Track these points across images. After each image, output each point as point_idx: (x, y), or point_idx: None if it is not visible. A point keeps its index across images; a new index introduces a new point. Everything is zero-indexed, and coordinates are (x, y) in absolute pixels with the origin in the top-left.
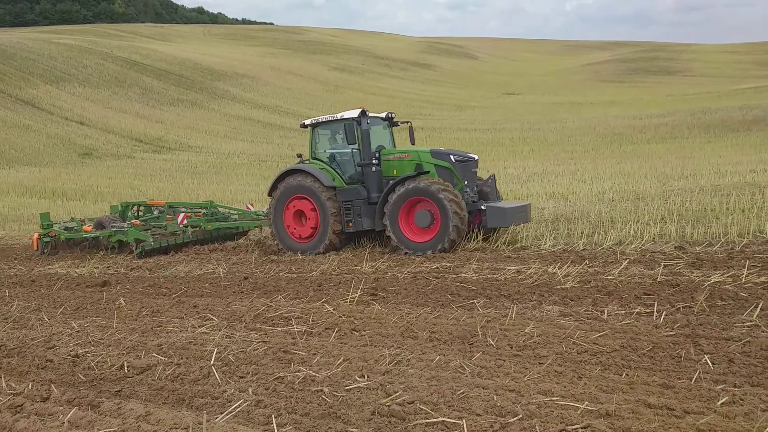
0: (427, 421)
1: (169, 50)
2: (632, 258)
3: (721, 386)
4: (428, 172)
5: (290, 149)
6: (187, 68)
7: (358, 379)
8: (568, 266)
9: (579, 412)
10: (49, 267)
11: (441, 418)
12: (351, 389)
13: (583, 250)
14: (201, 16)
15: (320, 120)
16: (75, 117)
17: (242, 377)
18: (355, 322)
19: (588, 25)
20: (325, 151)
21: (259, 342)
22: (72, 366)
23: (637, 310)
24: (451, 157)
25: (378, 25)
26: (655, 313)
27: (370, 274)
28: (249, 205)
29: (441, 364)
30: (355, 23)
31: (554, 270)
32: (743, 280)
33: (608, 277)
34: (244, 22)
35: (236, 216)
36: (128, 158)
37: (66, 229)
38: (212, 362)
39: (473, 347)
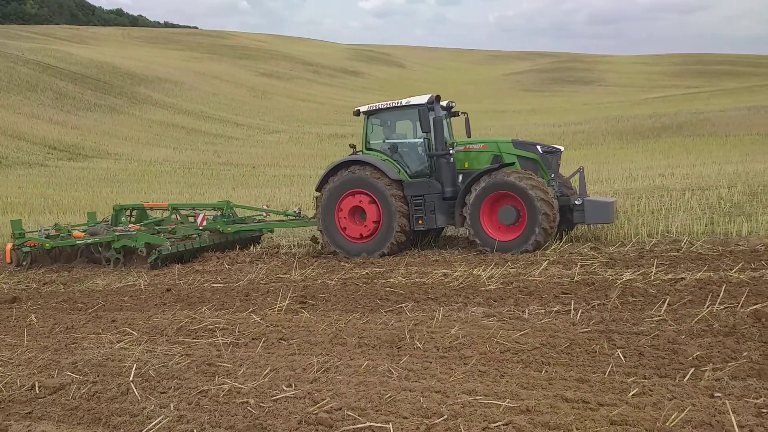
0: (355, 427)
1: (86, 53)
2: (551, 259)
3: (632, 378)
4: (513, 163)
5: (216, 156)
6: (105, 72)
7: (285, 388)
8: (492, 268)
9: (501, 409)
10: None
11: (368, 423)
12: (278, 399)
13: (506, 252)
14: (120, 19)
15: (379, 107)
16: None
17: (163, 393)
18: (283, 331)
19: (510, 36)
20: (383, 141)
21: (182, 355)
22: None
23: (555, 309)
24: (538, 147)
25: (305, 32)
26: (572, 311)
27: (299, 282)
28: (265, 206)
29: (369, 369)
30: (281, 29)
31: (479, 272)
32: (652, 278)
33: (529, 278)
34: (167, 25)
35: (259, 216)
36: (41, 166)
37: (49, 237)
38: (131, 378)
39: (401, 351)
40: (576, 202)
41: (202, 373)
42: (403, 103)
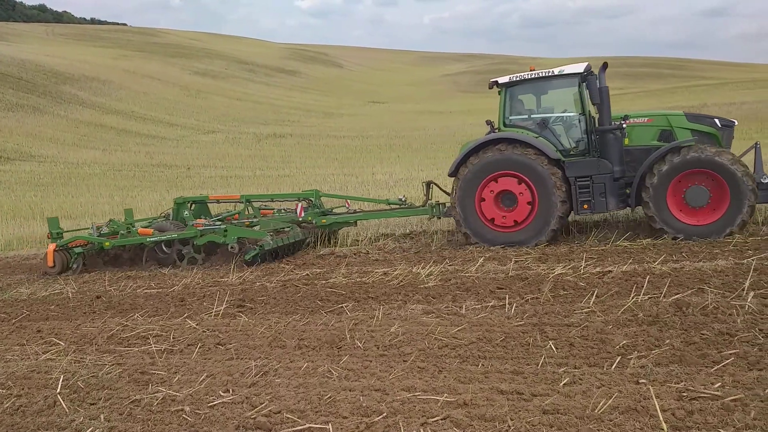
0: (294, 429)
1: (6, 50)
2: (487, 255)
3: (563, 369)
4: (695, 138)
5: (148, 157)
6: (27, 70)
7: (222, 394)
8: (431, 266)
9: (439, 404)
10: None
11: (307, 425)
12: (215, 405)
13: (444, 249)
14: (43, 15)
15: (525, 77)
16: None
17: (93, 404)
18: (220, 336)
19: (445, 38)
20: (529, 117)
21: (113, 365)
22: None
23: (491, 304)
24: (716, 121)
25: (240, 30)
26: (507, 305)
27: (237, 285)
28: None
29: (309, 371)
30: (215, 27)
31: (418, 270)
32: (582, 271)
33: (466, 274)
34: (93, 21)
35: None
36: None
37: (102, 235)
38: (58, 390)
39: (341, 351)
40: (763, 180)
41: (134, 382)
42: (556, 73)
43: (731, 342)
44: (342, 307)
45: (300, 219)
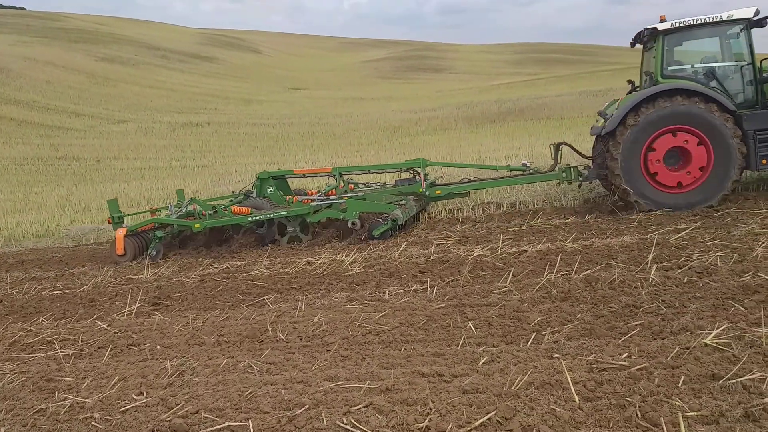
0: (213, 428)
1: None
2: (410, 240)
3: (482, 348)
4: None
5: (53, 150)
6: None
7: (135, 397)
8: (355, 253)
9: (362, 392)
10: None
11: (227, 423)
12: (127, 410)
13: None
14: None
15: (690, 22)
16: None
17: None
18: (134, 336)
19: (365, 24)
20: (692, 66)
21: (15, 373)
22: None
23: (414, 288)
24: None
25: (150, 15)
26: (429, 288)
27: (151, 282)
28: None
29: (228, 368)
30: (123, 11)
31: (342, 258)
32: (499, 252)
33: (390, 260)
34: None
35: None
36: None
37: (182, 216)
38: None
39: (263, 345)
40: None
41: (39, 391)
42: (724, 18)
43: (636, 313)
44: (264, 299)
45: (423, 191)
